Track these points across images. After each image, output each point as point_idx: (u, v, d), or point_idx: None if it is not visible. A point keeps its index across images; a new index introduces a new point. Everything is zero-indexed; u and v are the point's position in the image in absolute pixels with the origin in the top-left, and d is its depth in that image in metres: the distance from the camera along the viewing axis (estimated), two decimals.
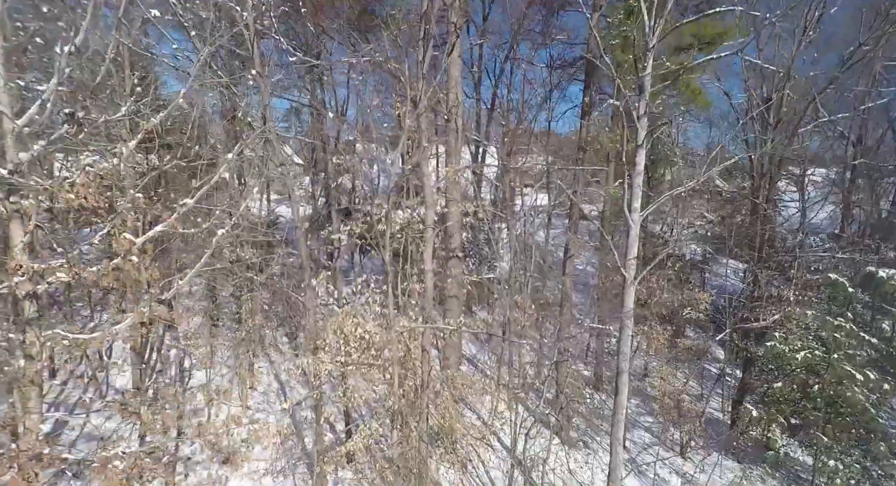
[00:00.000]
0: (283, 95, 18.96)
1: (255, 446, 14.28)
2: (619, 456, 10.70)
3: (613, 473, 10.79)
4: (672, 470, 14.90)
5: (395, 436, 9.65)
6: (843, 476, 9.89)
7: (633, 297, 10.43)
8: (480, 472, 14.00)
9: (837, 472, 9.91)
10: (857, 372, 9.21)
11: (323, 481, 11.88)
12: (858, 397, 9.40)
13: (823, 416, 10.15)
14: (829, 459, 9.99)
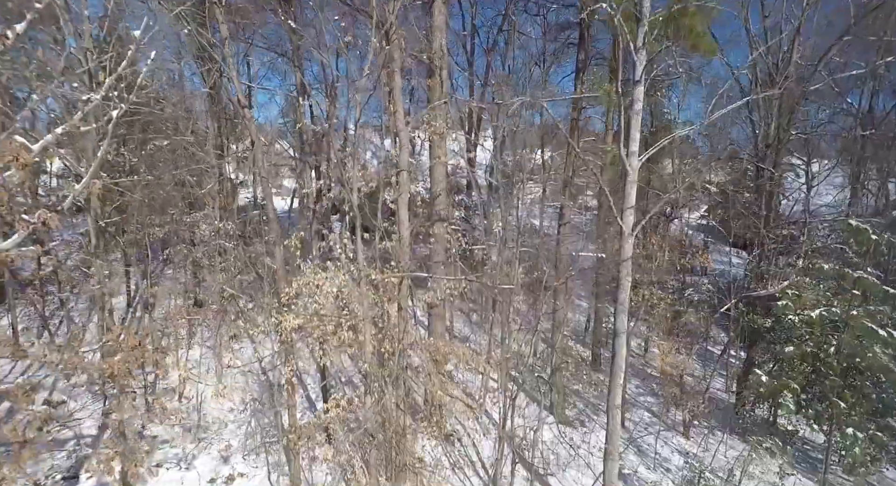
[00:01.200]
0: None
1: (227, 424, 13.46)
2: (617, 423, 9.79)
3: (611, 442, 9.91)
4: (674, 449, 14.00)
5: (368, 402, 8.75)
6: (861, 444, 8.99)
7: (631, 249, 9.55)
8: (468, 447, 13.10)
9: (856, 440, 9.00)
10: (880, 329, 8.30)
11: (295, 456, 10.99)
12: (880, 356, 8.49)
13: (840, 379, 9.24)
14: (847, 426, 9.09)
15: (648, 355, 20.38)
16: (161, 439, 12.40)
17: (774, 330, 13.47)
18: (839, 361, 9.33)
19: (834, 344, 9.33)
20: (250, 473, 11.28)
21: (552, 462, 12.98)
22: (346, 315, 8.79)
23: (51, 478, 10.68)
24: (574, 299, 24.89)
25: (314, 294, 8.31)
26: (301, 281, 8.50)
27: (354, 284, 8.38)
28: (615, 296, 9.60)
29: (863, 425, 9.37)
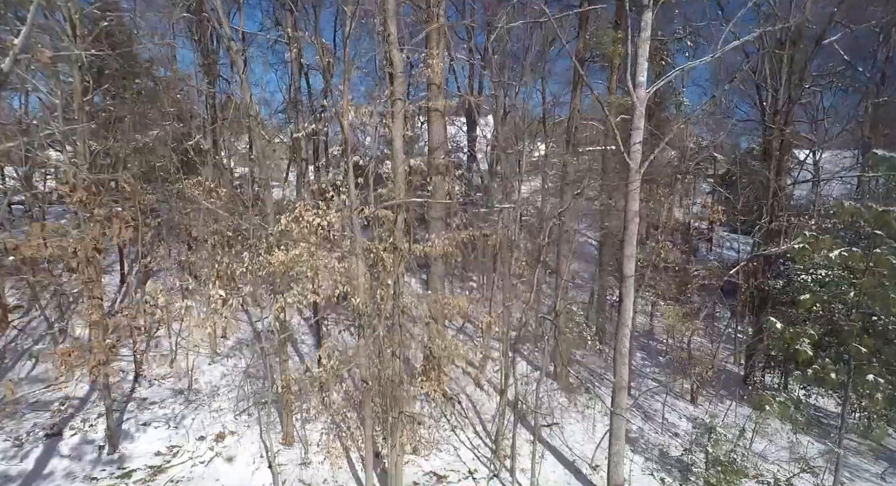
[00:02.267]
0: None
1: (219, 388, 13.00)
2: (625, 374, 9.32)
3: (617, 395, 9.43)
4: (682, 415, 13.51)
5: (360, 344, 8.27)
6: (884, 391, 8.49)
7: (638, 188, 9.05)
8: (468, 409, 12.62)
9: (877, 386, 8.50)
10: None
11: (288, 413, 10.53)
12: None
13: (861, 323, 8.74)
14: (868, 373, 8.59)
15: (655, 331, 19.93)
16: (150, 401, 11.95)
17: (786, 292, 12.98)
18: (859, 305, 8.82)
19: (854, 289, 8.81)
20: (241, 431, 10.82)
21: (556, 425, 12.50)
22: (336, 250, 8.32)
23: (32, 435, 10.24)
24: (577, 280, 24.47)
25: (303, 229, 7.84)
26: (289, 216, 8.04)
27: (346, 216, 7.91)
28: (622, 238, 9.12)
29: (883, 371, 8.85)
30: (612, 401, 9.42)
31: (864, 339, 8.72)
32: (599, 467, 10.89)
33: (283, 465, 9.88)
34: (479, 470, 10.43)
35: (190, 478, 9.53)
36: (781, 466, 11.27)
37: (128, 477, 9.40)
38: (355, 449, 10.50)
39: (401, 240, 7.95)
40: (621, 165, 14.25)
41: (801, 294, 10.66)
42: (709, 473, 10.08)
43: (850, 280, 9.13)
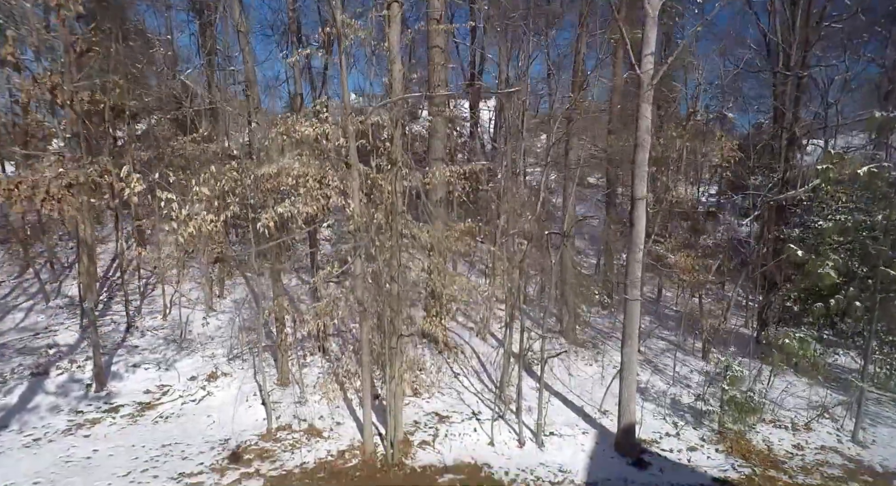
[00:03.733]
0: None
1: (213, 338, 12.57)
2: (636, 307, 8.81)
3: (628, 326, 8.91)
4: (693, 370, 12.99)
5: (358, 267, 7.80)
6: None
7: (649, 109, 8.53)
8: (471, 358, 12.14)
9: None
10: None
11: (284, 353, 10.09)
12: None
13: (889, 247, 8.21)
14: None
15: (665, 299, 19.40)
16: (141, 348, 11.53)
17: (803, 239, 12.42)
18: (888, 229, 8.29)
19: (882, 212, 8.29)
20: (234, 373, 10.39)
21: (564, 378, 12.01)
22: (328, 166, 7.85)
23: (17, 373, 9.83)
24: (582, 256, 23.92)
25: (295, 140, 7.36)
26: (279, 128, 7.58)
27: (339, 127, 7.43)
28: (633, 159, 8.60)
29: None
30: (623, 334, 8.93)
31: (893, 262, 8.19)
32: (609, 412, 10.40)
33: (278, 403, 9.44)
34: (483, 412, 9.95)
35: (180, 414, 9.10)
36: (799, 413, 10.77)
37: (115, 412, 8.98)
38: (353, 391, 10.04)
39: (398, 150, 7.47)
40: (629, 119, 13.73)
41: (816, 265, 10.16)
42: (723, 412, 9.57)
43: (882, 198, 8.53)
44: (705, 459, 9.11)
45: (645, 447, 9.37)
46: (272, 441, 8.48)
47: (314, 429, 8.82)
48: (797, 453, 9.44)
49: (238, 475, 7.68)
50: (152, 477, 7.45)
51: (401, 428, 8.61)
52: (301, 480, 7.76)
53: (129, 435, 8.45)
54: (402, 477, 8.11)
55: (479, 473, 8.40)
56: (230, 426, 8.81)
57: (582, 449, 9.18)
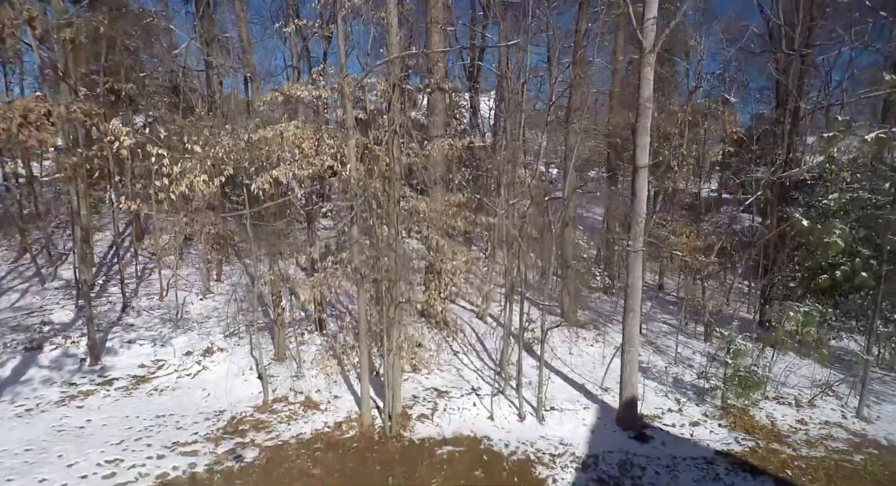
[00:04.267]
0: None
1: (210, 318, 12.44)
2: (639, 268, 8.67)
3: (631, 297, 8.75)
4: (695, 351, 12.84)
5: (354, 232, 7.66)
6: None
7: (652, 75, 8.38)
8: (470, 336, 12.01)
9: None
10: None
11: (281, 327, 9.95)
12: None
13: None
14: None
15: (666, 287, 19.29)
16: (137, 326, 11.39)
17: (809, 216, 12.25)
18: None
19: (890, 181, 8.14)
20: (230, 349, 10.25)
21: (565, 358, 11.88)
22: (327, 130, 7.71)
23: (10, 347, 9.70)
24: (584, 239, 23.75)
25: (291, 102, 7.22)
26: (274, 93, 7.43)
27: (335, 91, 7.29)
28: (635, 127, 8.44)
29: None
30: (625, 301, 8.79)
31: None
32: (610, 389, 10.27)
33: (274, 377, 9.31)
34: (483, 388, 9.82)
35: (175, 388, 8.97)
36: (803, 390, 10.63)
37: (109, 384, 8.85)
38: (351, 366, 9.91)
39: (395, 113, 7.33)
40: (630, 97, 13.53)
41: (822, 234, 9.98)
42: (726, 387, 9.43)
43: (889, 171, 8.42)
44: (708, 433, 8.97)
45: (647, 421, 9.24)
46: (268, 413, 8.35)
47: (311, 402, 8.69)
48: (801, 428, 9.31)
49: (233, 445, 7.55)
50: (146, 445, 7.32)
51: (399, 401, 8.48)
52: (297, 450, 7.63)
53: (123, 407, 8.32)
54: (401, 449, 7.98)
55: (479, 445, 8.26)
56: (225, 399, 8.68)
57: (583, 424, 9.05)
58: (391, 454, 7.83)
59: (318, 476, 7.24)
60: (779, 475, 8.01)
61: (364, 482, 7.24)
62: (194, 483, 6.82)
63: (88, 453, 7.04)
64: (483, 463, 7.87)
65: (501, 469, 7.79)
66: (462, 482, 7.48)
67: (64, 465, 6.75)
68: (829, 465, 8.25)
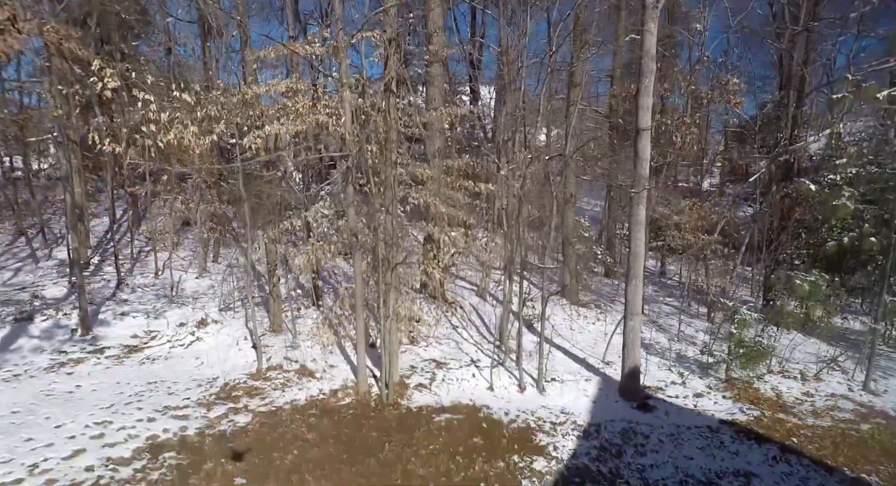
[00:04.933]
0: None
1: (205, 294, 12.25)
2: (641, 231, 8.48)
3: (633, 264, 8.55)
4: (698, 330, 12.65)
5: (350, 193, 7.47)
6: None
7: (655, 31, 8.21)
8: (470, 313, 11.83)
9: None
10: None
11: (276, 299, 9.77)
12: None
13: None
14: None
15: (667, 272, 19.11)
16: (130, 301, 11.20)
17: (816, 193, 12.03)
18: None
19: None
20: (225, 321, 10.06)
21: (566, 334, 11.69)
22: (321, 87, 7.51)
23: (0, 318, 9.51)
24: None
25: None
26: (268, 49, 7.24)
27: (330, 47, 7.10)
28: (637, 88, 8.24)
29: None
30: (628, 266, 8.60)
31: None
32: (612, 362, 10.09)
33: (269, 346, 9.13)
34: (482, 360, 9.63)
35: (168, 357, 8.79)
36: (808, 366, 10.45)
37: (100, 353, 8.66)
38: (347, 338, 9.72)
39: (392, 70, 7.14)
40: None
41: (830, 198, 9.76)
42: (731, 358, 9.25)
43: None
44: (712, 404, 8.79)
45: (649, 393, 9.05)
46: (262, 380, 8.16)
47: (306, 370, 8.51)
48: (806, 399, 9.13)
49: (225, 410, 7.36)
50: (136, 409, 7.13)
51: (396, 368, 8.30)
52: (291, 415, 7.45)
53: (114, 374, 8.13)
54: (398, 416, 7.79)
55: (478, 413, 8.08)
56: (219, 367, 8.50)
57: (585, 394, 8.86)
58: (388, 421, 7.65)
59: (312, 441, 7.05)
60: (785, 442, 7.83)
61: (360, 447, 7.06)
62: (185, 446, 6.63)
63: (77, 415, 6.85)
64: (482, 430, 7.68)
65: (501, 437, 7.61)
66: (461, 448, 7.29)
67: (52, 426, 6.56)
68: (836, 433, 8.07)
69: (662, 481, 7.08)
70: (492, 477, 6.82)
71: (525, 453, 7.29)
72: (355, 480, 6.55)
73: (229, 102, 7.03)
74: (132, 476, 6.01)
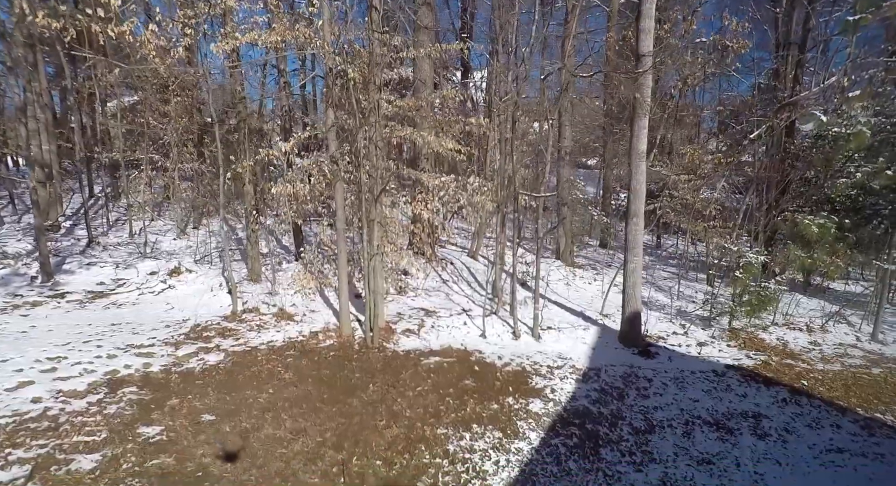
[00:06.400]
0: None
1: (180, 251, 11.59)
2: (642, 170, 7.97)
3: (633, 202, 8.05)
4: (699, 290, 12.21)
5: (330, 118, 6.89)
6: None
7: None
8: (461, 269, 11.28)
9: None
10: None
11: (254, 244, 9.15)
12: None
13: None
14: None
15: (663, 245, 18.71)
16: (100, 254, 10.51)
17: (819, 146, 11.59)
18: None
19: None
20: (200, 270, 9.42)
21: (562, 291, 11.19)
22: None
23: None
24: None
25: None
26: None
27: None
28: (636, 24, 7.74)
29: None
30: (627, 205, 8.09)
31: None
32: (611, 315, 9.62)
33: (247, 292, 8.51)
34: (475, 310, 9.10)
35: (136, 303, 8.14)
36: (813, 320, 10.04)
37: (60, 297, 8.00)
38: (331, 288, 9.13)
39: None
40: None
41: (835, 149, 9.31)
42: (736, 305, 8.80)
43: None
44: (717, 351, 8.34)
45: (651, 341, 8.58)
46: (237, 322, 7.56)
47: (285, 313, 7.92)
48: (814, 348, 8.71)
49: (195, 349, 6.76)
50: (96, 347, 6.50)
51: (381, 310, 7.74)
52: (267, 355, 6.86)
53: (75, 317, 7.48)
54: (383, 358, 7.24)
55: (470, 357, 7.55)
56: (191, 311, 7.87)
57: (583, 342, 8.36)
58: (372, 363, 7.09)
59: (289, 380, 6.48)
60: (794, 385, 7.39)
61: (342, 387, 6.50)
62: (148, 382, 6.03)
63: (27, 351, 6.21)
64: (474, 373, 7.15)
65: (495, 379, 7.08)
66: (451, 390, 6.76)
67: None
68: (847, 376, 7.65)
69: (668, 421, 6.60)
70: (485, 418, 6.30)
71: (520, 395, 6.77)
72: (336, 419, 5.99)
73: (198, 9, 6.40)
74: (85, 409, 5.41)
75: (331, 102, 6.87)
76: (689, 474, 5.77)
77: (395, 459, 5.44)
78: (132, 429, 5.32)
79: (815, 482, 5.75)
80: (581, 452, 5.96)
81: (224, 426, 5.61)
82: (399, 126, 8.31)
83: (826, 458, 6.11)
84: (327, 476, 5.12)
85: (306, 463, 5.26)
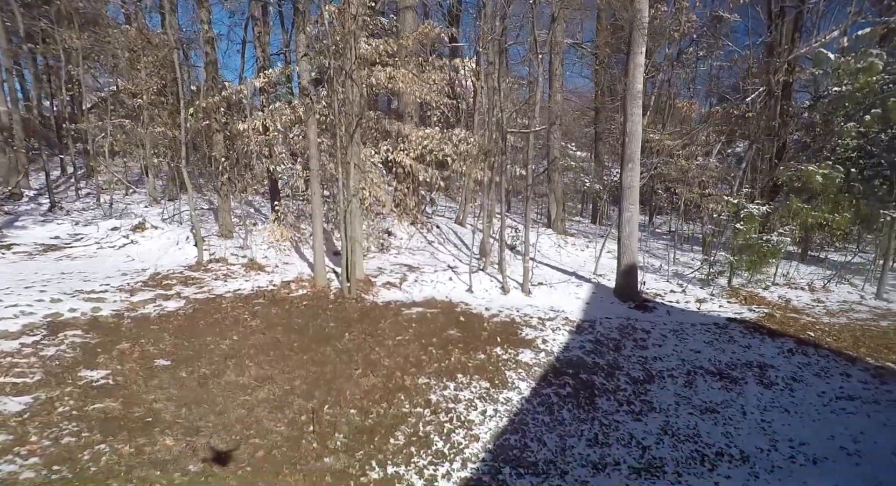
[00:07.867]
0: None
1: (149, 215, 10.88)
2: (638, 114, 7.48)
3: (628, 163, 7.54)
4: (695, 258, 11.79)
5: (302, 44, 6.29)
6: None
7: None
8: (447, 232, 10.73)
9: None
10: None
11: (225, 198, 8.50)
12: None
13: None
14: None
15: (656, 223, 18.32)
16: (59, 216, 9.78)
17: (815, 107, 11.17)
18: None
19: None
20: (165, 228, 8.75)
21: (553, 255, 10.70)
22: None
23: None
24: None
25: None
26: None
27: None
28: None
29: None
30: (622, 150, 7.60)
31: None
32: (604, 275, 9.13)
33: (215, 245, 7.89)
34: (461, 267, 8.56)
35: (93, 256, 7.48)
36: (815, 281, 9.64)
37: (6, 249, 7.31)
38: (306, 244, 8.52)
39: None
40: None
41: (832, 110, 8.89)
42: (736, 260, 8.35)
43: None
44: (717, 307, 7.88)
45: (648, 297, 8.11)
46: (202, 271, 6.95)
47: (255, 264, 7.32)
48: (818, 304, 8.30)
49: (153, 296, 6.14)
50: (38, 292, 5.86)
51: (360, 259, 7.17)
52: (233, 303, 6.26)
53: (20, 267, 6.81)
54: (360, 308, 6.67)
55: (455, 308, 7.01)
56: (152, 262, 7.23)
57: (576, 297, 7.86)
58: (349, 313, 6.52)
59: (256, 328, 5.89)
60: (800, 336, 6.96)
61: (314, 336, 5.93)
62: (95, 326, 5.41)
63: None
64: (460, 323, 6.62)
65: (482, 330, 6.56)
66: (434, 340, 6.22)
67: None
68: (855, 328, 7.24)
69: (668, 371, 6.13)
70: (470, 368, 5.77)
71: (509, 346, 6.25)
72: (307, 367, 5.43)
73: None
74: (17, 350, 4.79)
75: (302, 27, 6.27)
76: (692, 422, 5.30)
77: (371, 408, 4.89)
78: (73, 372, 4.72)
79: (825, 428, 5.31)
80: (575, 401, 5.46)
81: (180, 372, 5.02)
82: (380, 68, 7.74)
83: (836, 405, 5.68)
84: (295, 425, 4.56)
85: (272, 411, 4.69)
